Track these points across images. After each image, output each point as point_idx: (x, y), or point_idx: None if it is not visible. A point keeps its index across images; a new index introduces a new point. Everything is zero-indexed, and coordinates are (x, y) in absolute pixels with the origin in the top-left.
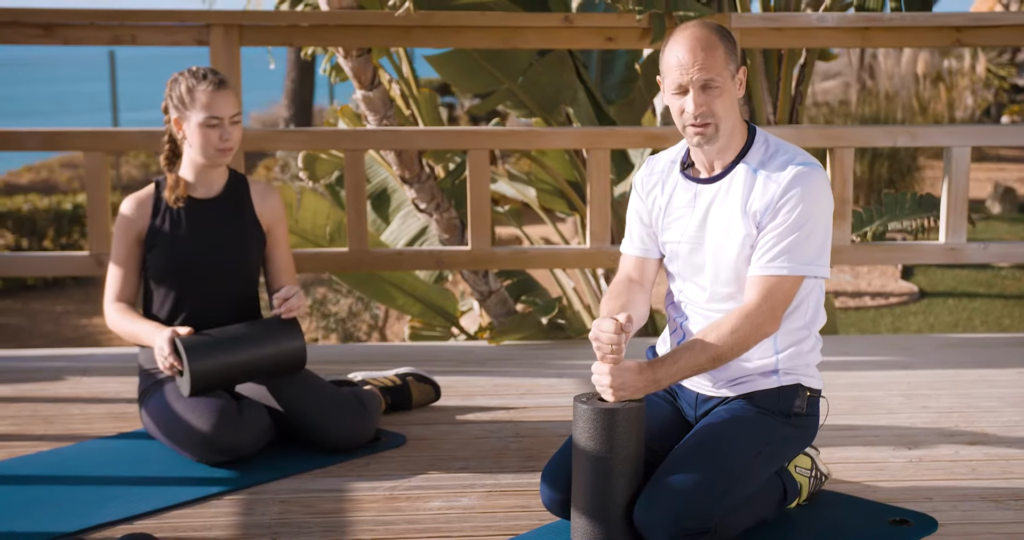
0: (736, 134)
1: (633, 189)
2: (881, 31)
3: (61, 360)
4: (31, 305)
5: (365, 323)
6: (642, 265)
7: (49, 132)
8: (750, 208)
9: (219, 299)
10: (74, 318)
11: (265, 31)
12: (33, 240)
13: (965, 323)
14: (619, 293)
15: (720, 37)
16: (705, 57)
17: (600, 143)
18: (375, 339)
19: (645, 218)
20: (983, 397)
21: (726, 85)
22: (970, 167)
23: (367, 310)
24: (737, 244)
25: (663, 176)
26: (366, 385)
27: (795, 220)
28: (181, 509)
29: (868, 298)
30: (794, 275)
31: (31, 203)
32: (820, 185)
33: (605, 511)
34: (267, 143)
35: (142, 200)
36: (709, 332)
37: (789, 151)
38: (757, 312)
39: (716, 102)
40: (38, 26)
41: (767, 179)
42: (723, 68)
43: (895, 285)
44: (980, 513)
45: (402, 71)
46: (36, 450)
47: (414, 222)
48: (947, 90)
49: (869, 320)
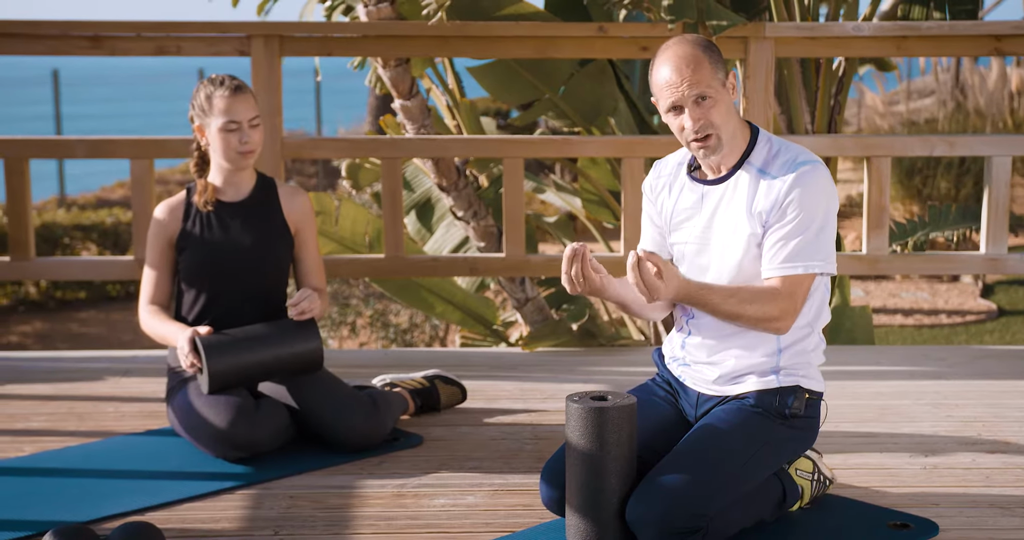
0: (738, 137)
1: (644, 194)
2: (917, 40)
3: (105, 361)
4: (112, 315)
5: (426, 334)
6: None
7: (95, 140)
8: (755, 208)
9: (248, 300)
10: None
11: (305, 42)
12: (116, 252)
13: None
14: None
15: (702, 49)
16: (692, 73)
17: (633, 152)
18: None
19: (657, 221)
20: (1012, 408)
21: (718, 95)
22: (1010, 176)
23: (427, 321)
24: (743, 244)
25: (671, 179)
26: (395, 387)
27: (803, 219)
28: (192, 502)
29: (944, 316)
30: (809, 273)
31: (115, 217)
32: (824, 182)
33: (598, 509)
34: (305, 151)
35: (174, 205)
36: (746, 292)
37: (791, 150)
38: (780, 298)
39: (712, 113)
40: (86, 38)
41: (771, 179)
42: (711, 79)
43: (973, 303)
44: (985, 519)
45: (447, 83)
46: (65, 445)
47: (457, 232)
48: None
49: (944, 338)
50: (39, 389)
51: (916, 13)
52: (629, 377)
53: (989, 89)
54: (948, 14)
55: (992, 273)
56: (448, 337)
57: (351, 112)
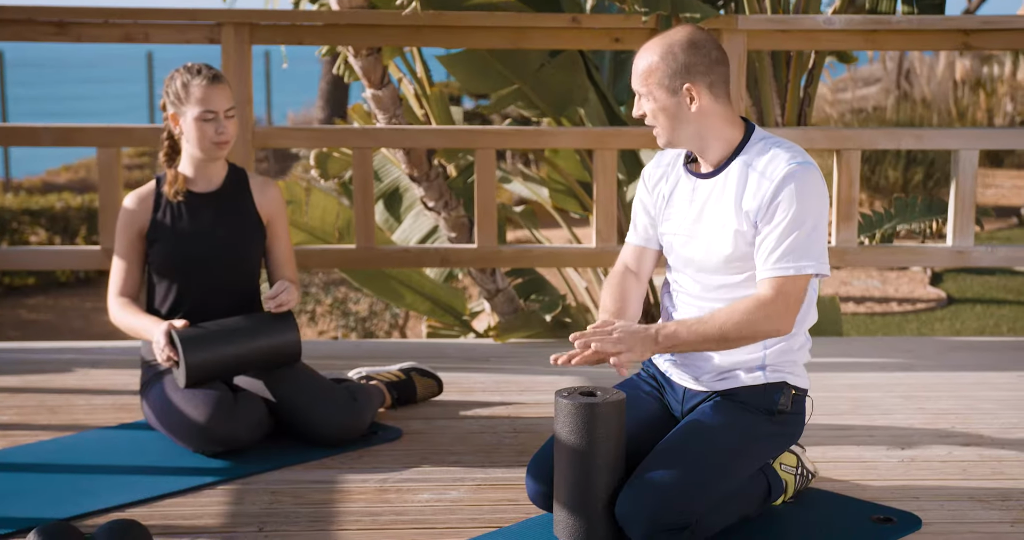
0: (720, 136)
1: (641, 180)
2: (888, 34)
3: (72, 352)
4: (61, 302)
5: (385, 322)
6: (640, 255)
7: (63, 128)
8: (743, 205)
9: (220, 292)
10: (103, 315)
11: (276, 30)
12: (65, 238)
13: (992, 329)
14: (615, 285)
15: (660, 57)
16: (640, 79)
17: (607, 143)
18: (395, 338)
19: (651, 210)
20: (982, 399)
21: (661, 100)
22: (976, 169)
23: (387, 310)
24: (730, 240)
25: (668, 169)
26: (371, 380)
27: (793, 219)
28: (173, 498)
29: (895, 304)
30: (802, 274)
31: (64, 201)
32: (814, 182)
33: (586, 504)
34: (275, 140)
35: (143, 195)
36: (723, 311)
37: (784, 149)
38: (772, 305)
39: (655, 115)
40: (52, 23)
41: (760, 176)
42: (656, 87)
43: (923, 291)
44: (966, 512)
45: (415, 71)
46: (37, 439)
47: (425, 221)
48: (986, 96)
49: (895, 325)
50: (6, 381)
51: (884, 6)
52: (604, 369)
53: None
54: (916, 8)
55: (959, 265)
56: (408, 326)
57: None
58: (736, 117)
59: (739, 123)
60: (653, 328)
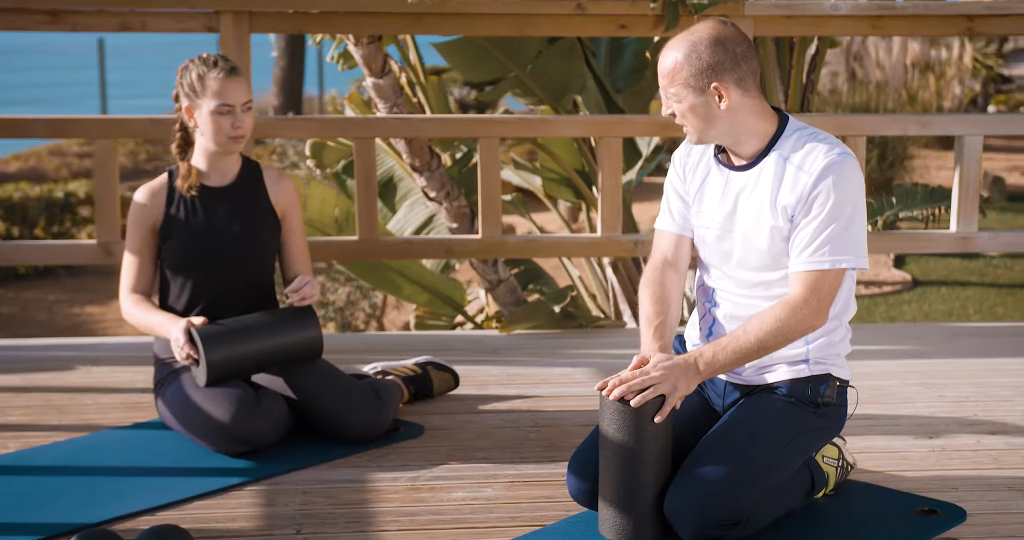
0: (751, 130)
1: (672, 165)
2: (893, 19)
3: (69, 349)
4: (23, 294)
5: (363, 312)
6: (679, 243)
7: (56, 119)
8: (780, 200)
9: (235, 288)
10: (66, 307)
11: (275, 18)
12: (24, 229)
13: (959, 312)
14: (655, 282)
15: (685, 57)
16: (666, 80)
17: (611, 131)
18: (373, 328)
19: (682, 192)
20: (998, 386)
21: (689, 100)
22: (981, 155)
23: (366, 299)
24: (766, 235)
25: (700, 157)
26: (387, 375)
27: (830, 211)
28: (202, 500)
29: (862, 287)
30: (837, 268)
31: (22, 191)
32: (852, 174)
33: (634, 503)
34: (277, 131)
35: (155, 190)
36: (755, 322)
37: (820, 141)
38: (803, 306)
39: (684, 114)
40: (44, 12)
41: (798, 170)
42: (682, 87)
43: (888, 274)
44: (1008, 503)
45: (409, 58)
46: (51, 440)
47: (421, 210)
48: (935, 80)
49: (864, 308)
50: (7, 380)
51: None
52: (615, 360)
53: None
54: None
55: (964, 250)
56: (385, 316)
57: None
58: (768, 109)
59: (771, 115)
60: (692, 357)
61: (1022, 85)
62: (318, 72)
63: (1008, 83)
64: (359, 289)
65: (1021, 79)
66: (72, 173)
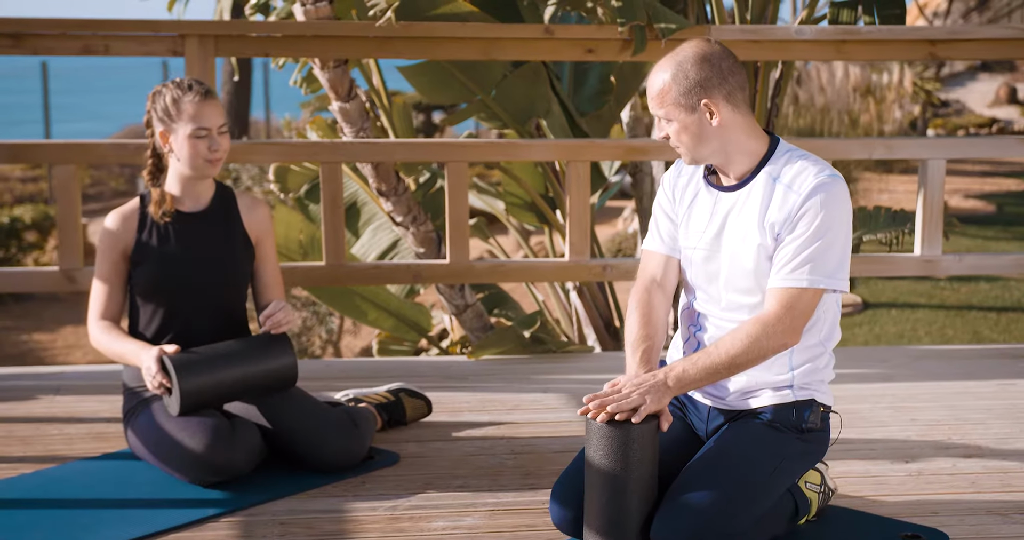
0: (743, 149)
1: (661, 187)
2: (857, 44)
3: (29, 378)
4: None
5: (319, 338)
6: (667, 264)
7: (16, 144)
8: (767, 218)
9: (208, 315)
10: (13, 334)
11: (241, 41)
12: None
13: (910, 334)
14: (642, 303)
15: (672, 76)
16: (656, 101)
17: (580, 155)
18: (329, 354)
19: (671, 213)
20: (969, 409)
21: (681, 119)
22: (944, 178)
23: (322, 324)
24: (753, 254)
25: (689, 179)
26: (360, 402)
27: (814, 231)
28: (177, 532)
29: None
30: (814, 288)
31: None
32: (841, 196)
33: (620, 530)
34: (243, 156)
35: (127, 215)
36: (727, 338)
37: (811, 161)
38: (776, 322)
39: (678, 135)
40: (7, 36)
41: (787, 190)
42: (673, 107)
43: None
44: (989, 527)
45: (372, 82)
46: (17, 472)
47: (385, 235)
48: (876, 103)
49: None
50: None
51: (845, 16)
52: (587, 386)
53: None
54: (877, 18)
55: (928, 274)
56: (341, 341)
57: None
58: (758, 129)
59: (763, 136)
60: (661, 374)
61: (958, 109)
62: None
63: (946, 107)
64: (315, 314)
65: (958, 104)
66: (15, 198)
